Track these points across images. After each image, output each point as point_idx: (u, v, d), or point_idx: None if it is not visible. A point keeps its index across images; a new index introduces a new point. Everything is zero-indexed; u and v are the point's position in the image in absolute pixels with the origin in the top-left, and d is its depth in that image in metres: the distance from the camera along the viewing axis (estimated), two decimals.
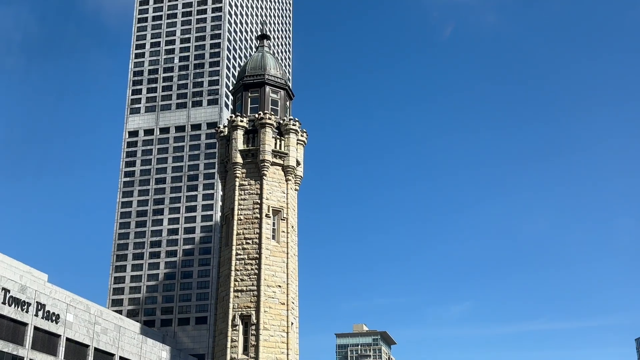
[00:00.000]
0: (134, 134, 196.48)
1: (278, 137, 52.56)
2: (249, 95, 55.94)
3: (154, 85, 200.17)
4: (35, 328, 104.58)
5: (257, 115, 53.55)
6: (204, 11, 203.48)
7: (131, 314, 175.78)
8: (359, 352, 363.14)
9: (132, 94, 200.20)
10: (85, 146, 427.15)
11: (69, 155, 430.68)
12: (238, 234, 46.66)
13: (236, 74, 54.70)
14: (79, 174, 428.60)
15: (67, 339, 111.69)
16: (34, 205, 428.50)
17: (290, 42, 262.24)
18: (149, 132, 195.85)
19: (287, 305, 43.73)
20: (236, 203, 48.66)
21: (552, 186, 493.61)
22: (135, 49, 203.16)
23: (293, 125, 54.05)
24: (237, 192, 49.04)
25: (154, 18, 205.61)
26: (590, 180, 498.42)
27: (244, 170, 50.13)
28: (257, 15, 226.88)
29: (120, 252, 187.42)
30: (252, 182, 49.36)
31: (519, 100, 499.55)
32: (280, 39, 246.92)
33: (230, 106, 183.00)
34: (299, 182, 52.56)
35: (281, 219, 48.25)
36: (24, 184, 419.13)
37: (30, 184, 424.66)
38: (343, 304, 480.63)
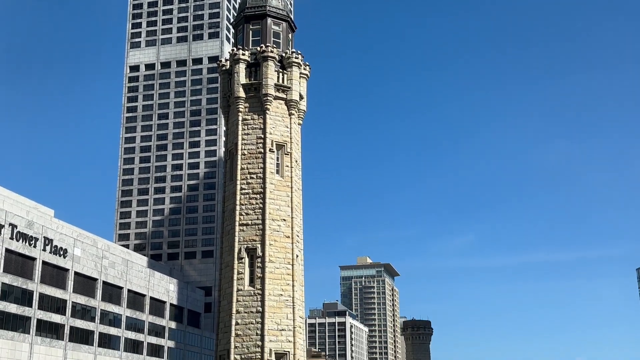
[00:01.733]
0: (135, 68, 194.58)
1: (280, 70, 52.00)
2: (251, 27, 55.07)
3: (154, 19, 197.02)
4: (44, 262, 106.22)
5: (259, 48, 52.85)
6: None
7: (138, 248, 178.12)
8: (363, 283, 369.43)
9: (132, 28, 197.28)
10: (87, 81, 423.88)
11: (71, 91, 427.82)
12: (242, 168, 46.73)
13: (237, 6, 53.63)
14: (82, 110, 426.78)
15: (76, 273, 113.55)
16: (37, 141, 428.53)
17: None
18: (150, 66, 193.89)
19: (292, 238, 44.12)
20: (239, 138, 48.53)
21: (563, 111, 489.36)
22: None
23: (295, 58, 53.37)
24: (240, 127, 48.84)
25: None
26: (606, 105, 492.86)
27: (247, 105, 49.78)
28: None
29: (126, 187, 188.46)
30: (255, 116, 49.09)
31: (527, 13, 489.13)
32: None
33: (232, 39, 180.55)
34: (302, 116, 52.30)
35: (285, 154, 48.20)
36: (25, 117, 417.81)
37: (31, 117, 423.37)
38: (347, 237, 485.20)
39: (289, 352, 41.22)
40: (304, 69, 53.87)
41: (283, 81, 51.25)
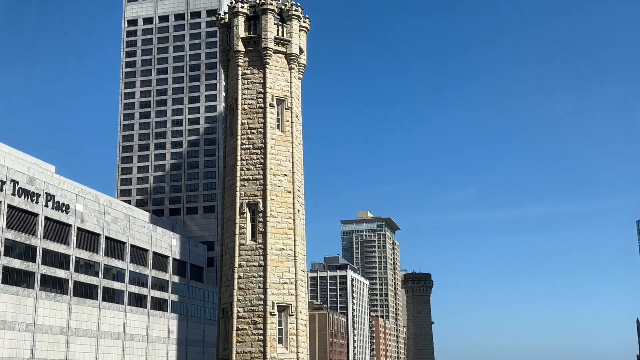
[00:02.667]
0: (133, 22, 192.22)
1: (280, 23, 51.26)
2: None
3: None
4: (46, 218, 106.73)
5: (258, 1, 52.03)
6: None
7: (140, 204, 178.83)
8: (364, 237, 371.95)
9: None
10: (85, 37, 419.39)
11: (70, 46, 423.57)
12: (242, 124, 46.50)
13: None
14: (80, 66, 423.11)
15: (78, 229, 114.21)
16: (36, 98, 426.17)
17: None
18: (148, 20, 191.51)
19: (293, 193, 44.21)
20: (239, 93, 48.18)
21: (569, 61, 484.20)
22: None
23: (295, 10, 52.58)
24: (240, 82, 48.44)
25: None
26: (612, 55, 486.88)
27: (247, 59, 49.26)
28: None
29: (126, 143, 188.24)
30: (255, 70, 48.63)
31: None
32: None
33: None
34: (302, 70, 51.78)
35: (285, 108, 47.90)
36: (23, 73, 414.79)
37: (30, 73, 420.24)
38: (348, 192, 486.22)
39: (291, 304, 41.72)
40: (304, 21, 53.15)
41: (283, 34, 50.60)
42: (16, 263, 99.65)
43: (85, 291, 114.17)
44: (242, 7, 51.78)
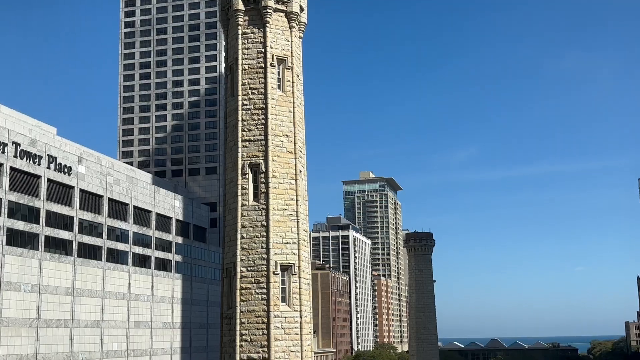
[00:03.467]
0: None
1: None
2: None
3: None
4: (49, 180, 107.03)
5: None
6: None
7: (141, 166, 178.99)
8: (366, 198, 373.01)
9: None
10: None
11: (67, 7, 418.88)
12: (243, 84, 46.25)
13: None
14: (80, 27, 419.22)
15: (81, 190, 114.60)
16: (36, 60, 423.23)
17: None
18: None
19: (295, 153, 44.18)
20: (240, 52, 47.82)
21: (578, 20, 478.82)
22: None
23: None
24: (240, 41, 48.01)
25: None
26: (621, 15, 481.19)
27: (247, 18, 48.75)
28: None
29: (127, 104, 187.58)
30: (255, 30, 48.16)
31: None
32: None
33: None
34: (303, 29, 51.28)
35: (286, 68, 47.58)
36: (25, 35, 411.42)
37: (27, 36, 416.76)
38: (350, 152, 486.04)
39: (294, 264, 42.05)
40: None
41: None
42: (20, 225, 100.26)
43: (89, 252, 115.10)
44: None
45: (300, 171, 44.52)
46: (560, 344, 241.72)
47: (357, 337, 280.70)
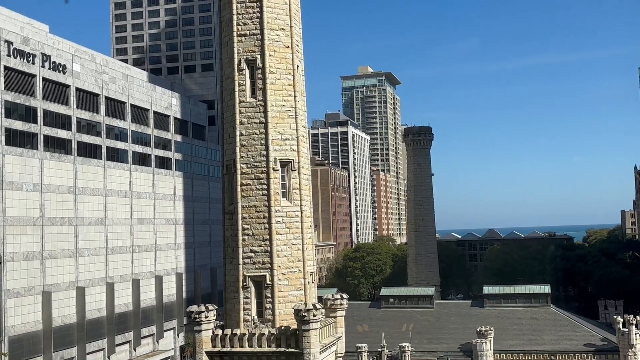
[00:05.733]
0: None
1: None
2: None
3: None
4: (44, 79, 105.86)
5: None
6: None
7: (136, 63, 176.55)
8: (364, 93, 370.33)
9: None
10: None
11: None
12: None
13: None
14: None
15: (77, 89, 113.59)
16: None
17: None
18: None
19: (292, 48, 43.34)
20: None
21: None
22: None
23: None
24: None
25: None
26: None
27: None
28: None
29: None
30: None
31: None
32: None
33: None
34: None
35: None
36: None
37: None
38: (348, 46, 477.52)
39: (293, 160, 42.19)
40: None
41: None
42: (18, 125, 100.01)
43: (89, 151, 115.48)
44: None
45: (298, 66, 43.86)
46: (556, 233, 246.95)
47: (357, 231, 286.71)
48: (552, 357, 72.59)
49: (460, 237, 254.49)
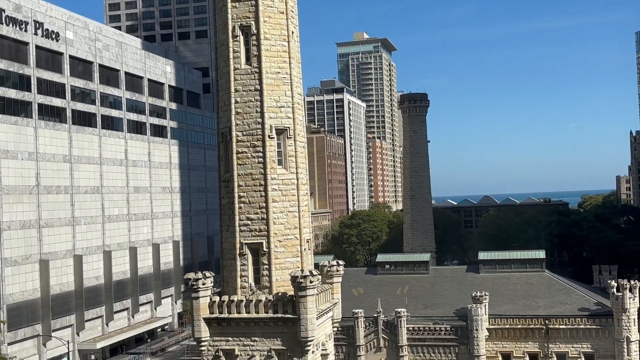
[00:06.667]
0: None
1: None
2: None
3: None
4: (37, 47, 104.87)
5: None
6: None
7: (130, 30, 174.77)
8: (360, 60, 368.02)
9: None
10: None
11: None
12: None
13: None
14: None
15: (71, 57, 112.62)
16: None
17: None
18: None
19: (287, 13, 42.92)
20: None
21: None
22: None
23: None
24: None
25: None
26: None
27: None
28: None
29: None
30: None
31: None
32: None
33: None
34: None
35: None
36: None
37: None
38: (343, 12, 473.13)
39: (289, 127, 42.07)
40: None
41: None
42: (12, 93, 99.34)
43: (84, 119, 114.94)
44: None
45: (293, 32, 43.49)
46: (551, 199, 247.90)
47: (353, 198, 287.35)
48: (547, 321, 73.41)
49: (455, 203, 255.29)
